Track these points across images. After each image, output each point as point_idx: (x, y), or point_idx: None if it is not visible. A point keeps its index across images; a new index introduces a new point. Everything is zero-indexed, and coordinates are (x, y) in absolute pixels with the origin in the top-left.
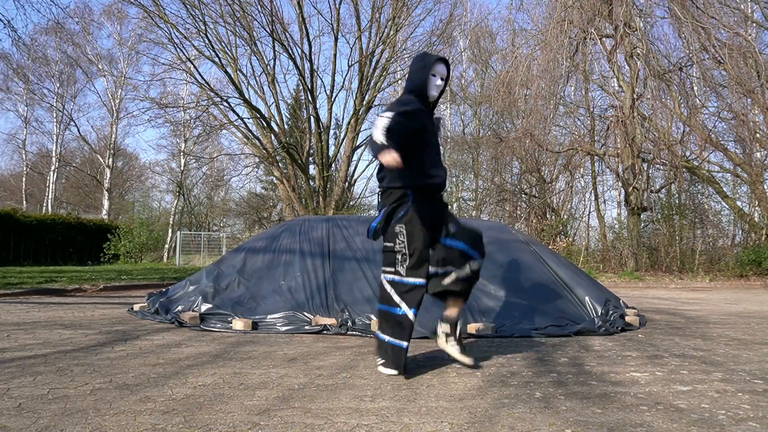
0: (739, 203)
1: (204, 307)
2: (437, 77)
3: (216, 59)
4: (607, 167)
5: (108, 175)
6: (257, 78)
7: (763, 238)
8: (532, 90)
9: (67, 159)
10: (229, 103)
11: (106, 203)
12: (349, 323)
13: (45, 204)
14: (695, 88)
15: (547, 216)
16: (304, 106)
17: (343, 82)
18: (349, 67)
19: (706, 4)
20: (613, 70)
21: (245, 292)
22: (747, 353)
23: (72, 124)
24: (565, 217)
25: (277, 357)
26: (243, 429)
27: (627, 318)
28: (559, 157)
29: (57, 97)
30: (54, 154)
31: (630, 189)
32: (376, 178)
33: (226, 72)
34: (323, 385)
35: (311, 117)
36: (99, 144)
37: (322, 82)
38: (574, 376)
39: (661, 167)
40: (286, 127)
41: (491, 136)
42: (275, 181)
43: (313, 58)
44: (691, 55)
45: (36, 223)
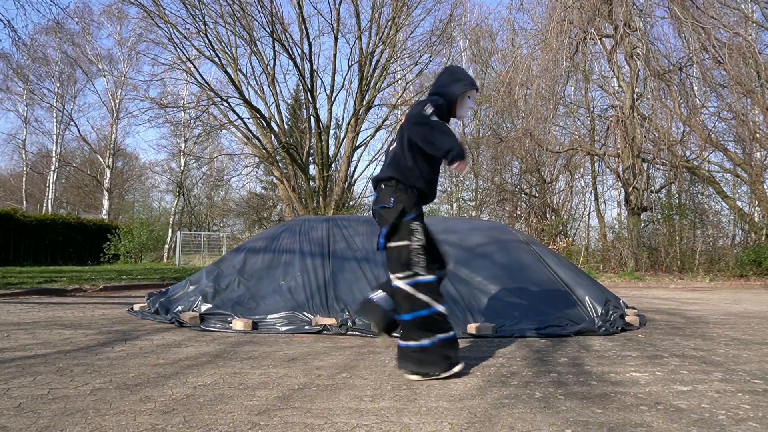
0: (739, 203)
1: (204, 307)
2: (471, 100)
3: (216, 59)
4: (607, 167)
5: (108, 175)
6: (257, 78)
7: (763, 238)
8: (532, 90)
9: (67, 159)
10: (229, 103)
11: (106, 203)
12: (349, 323)
13: (45, 204)
14: (695, 88)
15: (547, 216)
16: (304, 106)
17: (343, 82)
18: (349, 67)
19: (706, 4)
20: (613, 70)
21: (245, 292)
22: (747, 353)
23: (72, 124)
24: (565, 217)
25: (277, 357)
26: (243, 429)
27: (627, 318)
28: (559, 157)
29: (57, 97)
30: (54, 154)
31: (630, 189)
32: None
33: (226, 72)
34: (323, 385)
35: (311, 117)
36: (99, 144)
37: (322, 82)
38: (574, 376)
39: (661, 167)
40: (286, 127)
41: (491, 136)
42: (275, 181)
43: (313, 58)
44: (691, 55)
45: (36, 223)
